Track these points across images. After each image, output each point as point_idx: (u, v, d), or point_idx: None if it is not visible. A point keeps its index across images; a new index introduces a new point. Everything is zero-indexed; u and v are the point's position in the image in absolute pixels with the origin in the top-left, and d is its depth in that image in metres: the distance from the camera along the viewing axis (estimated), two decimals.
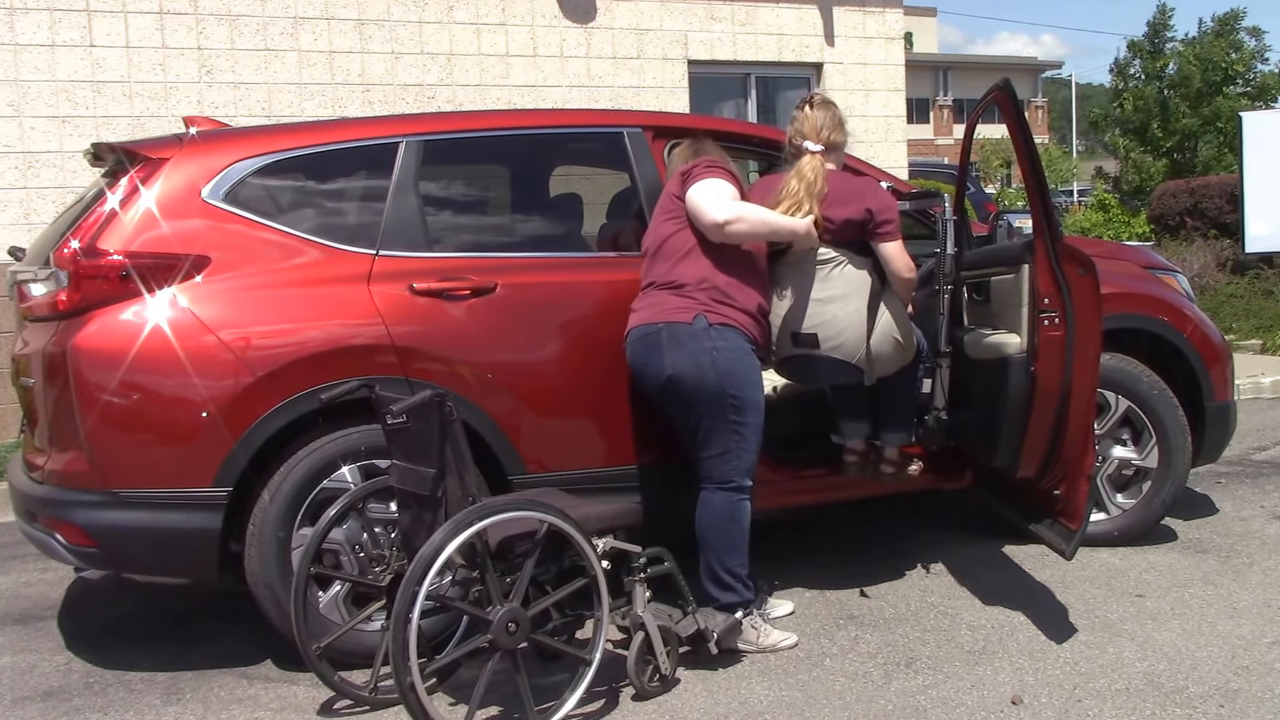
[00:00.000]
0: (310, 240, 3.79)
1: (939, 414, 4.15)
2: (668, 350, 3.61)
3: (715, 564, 3.67)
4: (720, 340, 3.60)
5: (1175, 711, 3.19)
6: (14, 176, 7.50)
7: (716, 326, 3.61)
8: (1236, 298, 11.52)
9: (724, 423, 3.62)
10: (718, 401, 3.60)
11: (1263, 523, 5.01)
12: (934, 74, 50.52)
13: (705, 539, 3.69)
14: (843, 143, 4.04)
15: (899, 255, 3.87)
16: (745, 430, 3.64)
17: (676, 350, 3.60)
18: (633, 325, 3.75)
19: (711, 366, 3.58)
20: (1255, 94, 24.66)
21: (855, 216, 3.79)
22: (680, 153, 3.96)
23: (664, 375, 3.62)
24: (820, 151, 3.91)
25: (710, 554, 3.68)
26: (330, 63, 8.31)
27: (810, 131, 3.94)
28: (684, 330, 3.60)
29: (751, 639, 3.69)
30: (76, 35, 7.63)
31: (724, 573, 3.67)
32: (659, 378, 3.64)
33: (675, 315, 3.63)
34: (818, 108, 4.00)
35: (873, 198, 3.88)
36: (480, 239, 4.24)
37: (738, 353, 3.63)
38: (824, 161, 3.91)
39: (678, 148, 4.03)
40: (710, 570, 3.69)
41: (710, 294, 3.64)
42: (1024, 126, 3.94)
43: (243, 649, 3.90)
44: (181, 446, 3.56)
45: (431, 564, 2.93)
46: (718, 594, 3.68)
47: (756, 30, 9.68)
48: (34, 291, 3.78)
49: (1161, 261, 5.29)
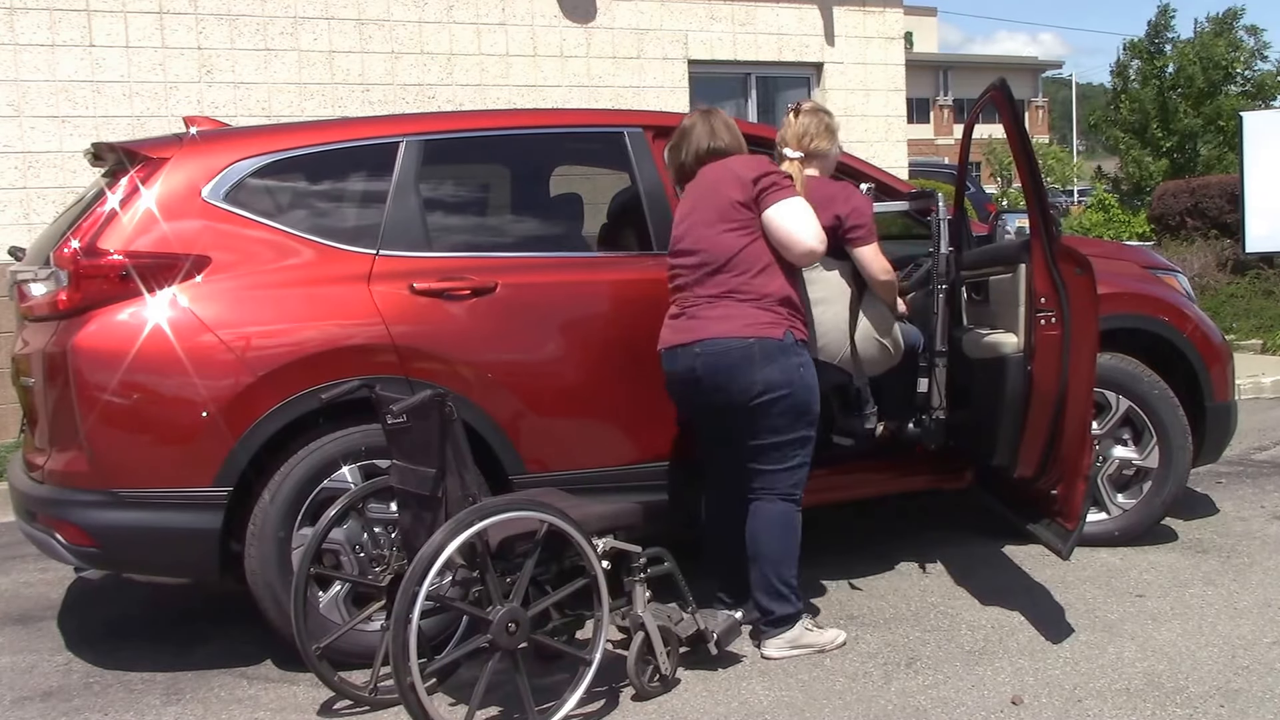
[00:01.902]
0: (310, 240, 3.79)
1: (937, 414, 4.15)
2: (759, 366, 3.52)
3: (771, 575, 3.62)
4: (803, 355, 3.62)
5: (1175, 711, 3.19)
6: (14, 176, 7.50)
7: (799, 342, 3.61)
8: (1237, 298, 11.52)
9: (798, 435, 3.61)
10: (799, 415, 3.59)
11: (1263, 523, 5.01)
12: (934, 74, 50.52)
13: (761, 551, 3.63)
14: (827, 149, 4.03)
15: (874, 259, 3.87)
16: (810, 442, 3.66)
17: (769, 366, 3.52)
18: (704, 336, 3.55)
19: (800, 382, 3.58)
20: (1255, 92, 24.65)
21: (825, 224, 3.78)
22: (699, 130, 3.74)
23: (754, 390, 3.52)
24: (800, 159, 3.94)
25: (766, 566, 3.62)
26: (330, 63, 8.31)
27: (792, 139, 3.99)
28: (775, 345, 3.54)
29: (815, 641, 3.69)
30: (76, 35, 7.63)
31: (780, 584, 3.62)
32: (746, 393, 3.52)
33: (766, 330, 3.53)
34: (803, 115, 4.02)
35: (843, 204, 3.88)
36: (480, 239, 4.24)
37: (811, 367, 3.65)
38: (803, 169, 3.93)
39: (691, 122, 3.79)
40: (765, 582, 3.63)
41: (789, 309, 3.61)
42: (1020, 126, 3.95)
43: (243, 649, 3.89)
44: (182, 446, 3.56)
45: (431, 564, 2.93)
46: (773, 605, 3.64)
47: (756, 30, 9.68)
48: (34, 291, 3.78)
49: (1162, 261, 5.29)
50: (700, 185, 3.71)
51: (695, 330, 3.59)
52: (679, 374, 3.66)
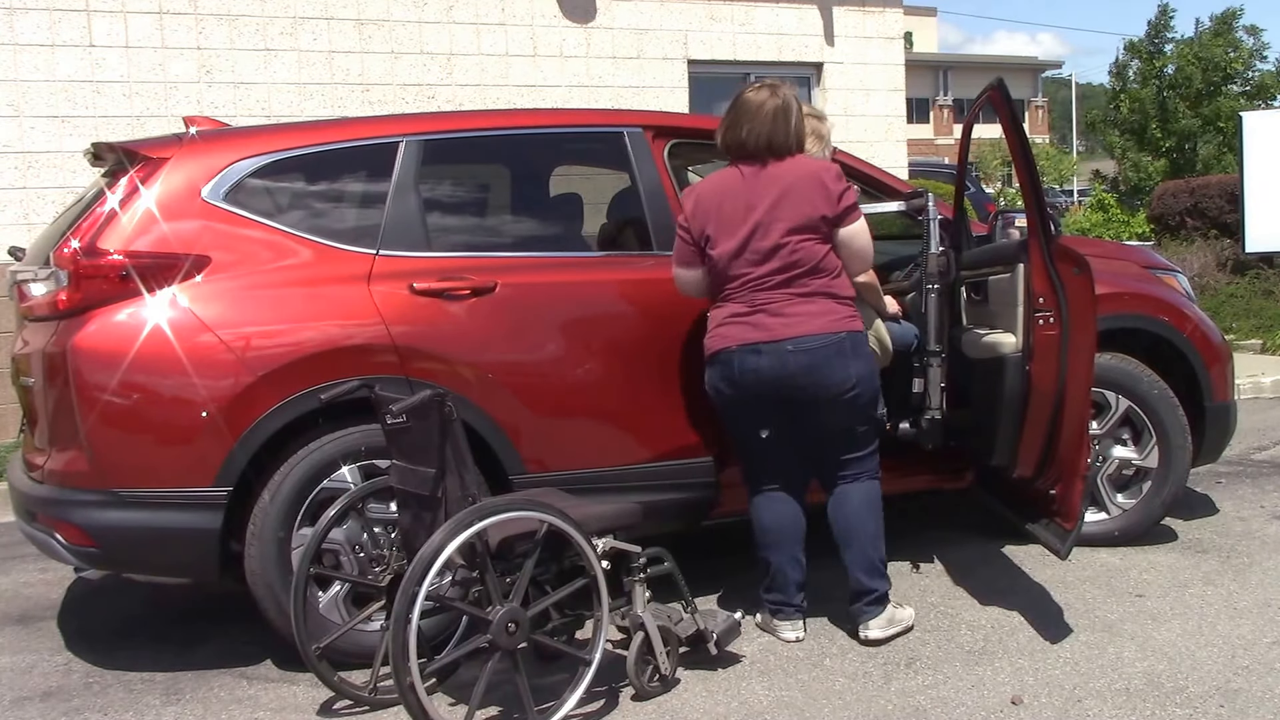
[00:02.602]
0: (310, 240, 3.79)
1: (933, 414, 4.15)
2: (852, 359, 3.60)
3: (871, 552, 3.74)
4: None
5: (1175, 711, 3.19)
6: (14, 176, 7.50)
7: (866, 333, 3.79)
8: (1236, 297, 11.53)
9: (876, 419, 3.81)
10: (875, 401, 3.76)
11: (1263, 523, 5.01)
12: (934, 74, 50.53)
13: (858, 531, 3.74)
14: (816, 154, 4.01)
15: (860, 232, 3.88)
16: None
17: (859, 359, 3.63)
18: (797, 334, 3.55)
19: (875, 371, 3.75)
20: (1254, 93, 24.64)
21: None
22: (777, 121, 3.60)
23: (849, 383, 3.59)
24: None
25: (866, 544, 3.74)
26: (330, 63, 8.31)
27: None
28: (861, 339, 3.68)
29: (903, 618, 3.81)
30: (76, 35, 7.63)
31: (878, 560, 3.76)
32: (841, 386, 3.58)
33: (852, 324, 3.63)
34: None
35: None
36: (480, 239, 4.24)
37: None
38: None
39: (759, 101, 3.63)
40: (866, 561, 3.74)
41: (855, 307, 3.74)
42: (1018, 126, 3.96)
43: (243, 649, 3.90)
44: (182, 446, 3.56)
45: (431, 564, 2.93)
46: (875, 583, 3.75)
47: (756, 30, 9.68)
48: (34, 291, 3.78)
49: (1162, 261, 5.30)
50: (773, 183, 3.60)
51: (781, 328, 3.58)
52: (759, 371, 3.59)
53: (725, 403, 3.74)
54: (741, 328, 3.63)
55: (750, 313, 3.62)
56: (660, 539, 3.53)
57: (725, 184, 3.69)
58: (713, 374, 3.71)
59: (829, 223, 3.60)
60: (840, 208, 3.60)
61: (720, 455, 4.08)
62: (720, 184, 3.70)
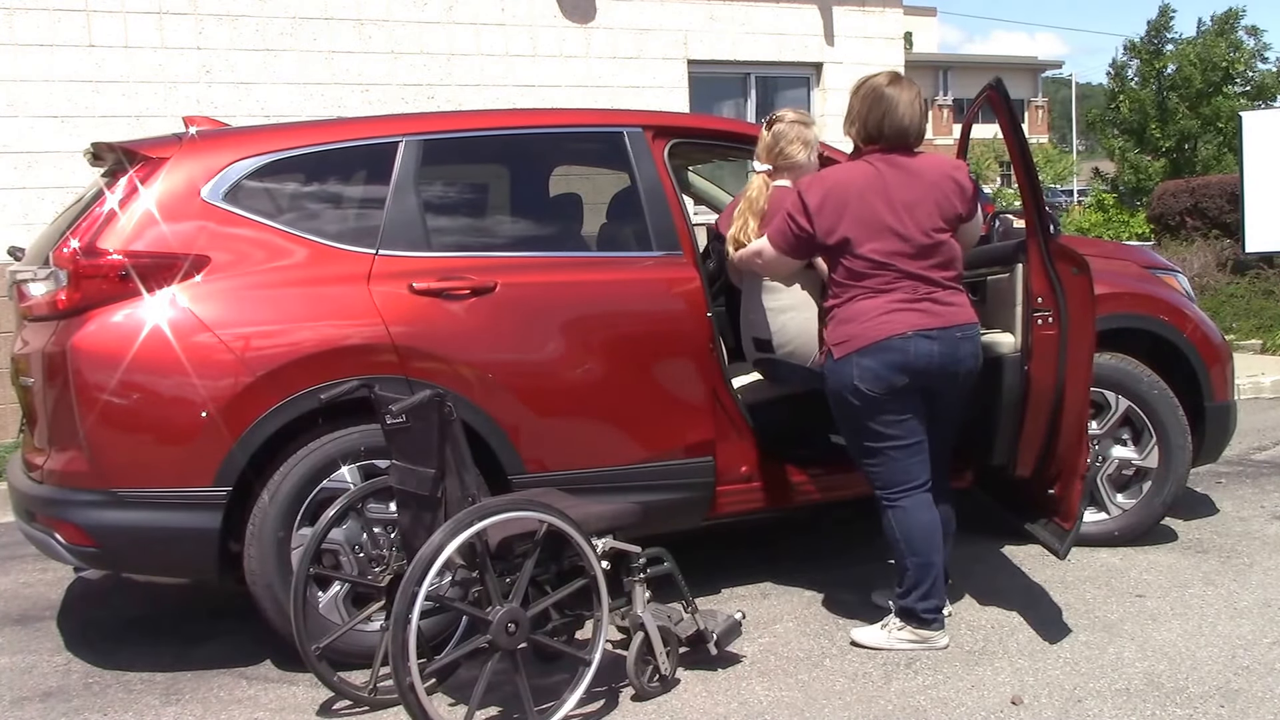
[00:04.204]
0: (310, 240, 3.79)
1: None
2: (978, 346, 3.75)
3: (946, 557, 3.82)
4: None
5: (1175, 711, 3.19)
6: (13, 176, 7.50)
7: None
8: (1236, 298, 11.53)
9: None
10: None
11: (1263, 523, 5.01)
12: (934, 74, 50.54)
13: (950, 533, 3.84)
14: (799, 160, 4.02)
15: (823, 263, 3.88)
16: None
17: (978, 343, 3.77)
18: (961, 321, 3.63)
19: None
20: (1255, 93, 24.64)
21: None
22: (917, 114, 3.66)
23: (976, 369, 3.73)
24: (767, 171, 4.02)
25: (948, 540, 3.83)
26: (330, 63, 8.30)
27: (761, 152, 4.08)
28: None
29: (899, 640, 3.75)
30: (76, 35, 7.62)
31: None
32: (974, 372, 3.72)
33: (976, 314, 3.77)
34: (775, 127, 4.07)
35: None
36: (480, 238, 4.24)
37: None
38: (769, 181, 4.00)
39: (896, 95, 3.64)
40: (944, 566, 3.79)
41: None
42: (1017, 126, 3.96)
43: (243, 649, 3.89)
44: (181, 446, 3.56)
45: (431, 564, 2.93)
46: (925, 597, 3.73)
47: (756, 30, 9.67)
48: (33, 291, 3.78)
49: (1162, 261, 5.29)
50: (918, 178, 3.61)
51: (949, 315, 3.62)
52: (932, 356, 3.57)
53: (885, 392, 3.57)
54: (913, 314, 3.57)
55: (918, 300, 3.59)
56: (660, 539, 3.53)
57: (859, 178, 3.62)
58: (875, 362, 3.55)
59: (961, 220, 3.69)
60: (969, 208, 3.71)
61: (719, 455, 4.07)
62: (852, 178, 3.63)
